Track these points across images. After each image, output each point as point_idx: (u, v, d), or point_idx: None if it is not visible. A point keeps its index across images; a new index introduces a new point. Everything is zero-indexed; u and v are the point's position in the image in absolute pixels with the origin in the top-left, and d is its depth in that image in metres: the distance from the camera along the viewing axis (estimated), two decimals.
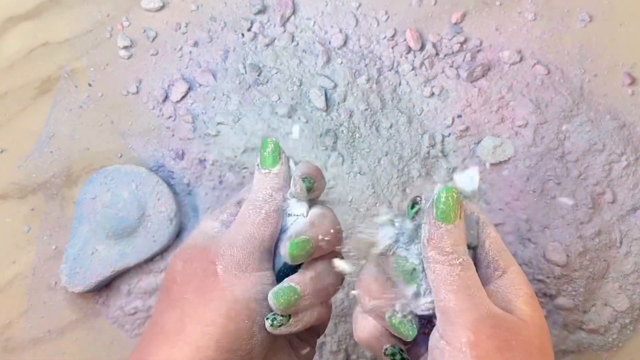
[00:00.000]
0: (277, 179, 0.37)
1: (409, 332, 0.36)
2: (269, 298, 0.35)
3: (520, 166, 0.54)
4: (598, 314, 0.54)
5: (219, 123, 0.54)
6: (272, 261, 0.37)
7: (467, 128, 0.54)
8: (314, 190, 0.37)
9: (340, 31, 0.54)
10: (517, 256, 0.53)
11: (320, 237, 0.36)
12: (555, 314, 0.53)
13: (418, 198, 0.37)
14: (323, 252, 0.37)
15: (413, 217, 0.36)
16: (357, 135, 0.54)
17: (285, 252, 0.35)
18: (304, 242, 0.35)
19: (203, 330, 0.34)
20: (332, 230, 0.37)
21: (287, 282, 0.36)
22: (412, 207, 0.37)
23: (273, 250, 0.38)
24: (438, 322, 0.34)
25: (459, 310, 0.33)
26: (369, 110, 0.53)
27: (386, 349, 0.37)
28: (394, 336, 0.37)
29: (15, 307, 0.54)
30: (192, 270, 0.36)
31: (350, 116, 0.53)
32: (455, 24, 0.55)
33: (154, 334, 0.35)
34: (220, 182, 0.54)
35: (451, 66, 0.54)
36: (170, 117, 0.55)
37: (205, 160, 0.54)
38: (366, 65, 0.54)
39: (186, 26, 0.56)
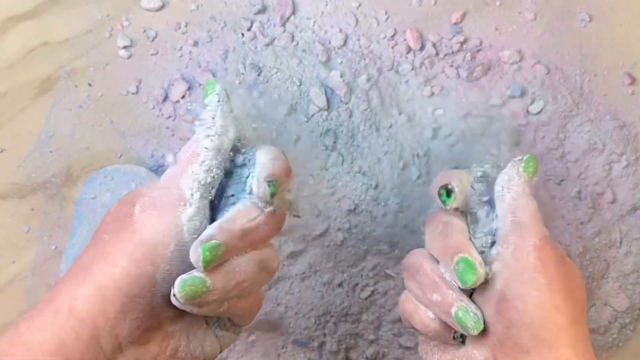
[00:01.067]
0: (209, 113, 0.37)
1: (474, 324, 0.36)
2: (175, 285, 0.33)
3: None
4: (598, 314, 0.53)
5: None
6: (205, 204, 0.35)
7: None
8: (277, 193, 0.36)
9: (340, 31, 0.54)
10: None
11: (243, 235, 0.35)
12: None
13: (450, 186, 0.39)
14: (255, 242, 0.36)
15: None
16: (357, 134, 0.53)
17: (196, 257, 0.33)
18: (215, 247, 0.33)
19: (105, 269, 0.33)
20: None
21: (197, 272, 0.33)
22: (448, 195, 0.39)
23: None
24: (507, 235, 0.38)
25: (531, 225, 0.38)
26: (369, 109, 0.53)
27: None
28: None
29: (15, 307, 0.54)
30: (119, 211, 0.35)
31: (350, 116, 0.53)
32: (455, 23, 0.55)
33: (68, 272, 0.35)
34: None
35: (451, 66, 0.54)
36: (170, 116, 0.54)
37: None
38: (366, 65, 0.54)
39: (186, 26, 0.55)
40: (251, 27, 0.55)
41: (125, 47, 0.55)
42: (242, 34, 0.55)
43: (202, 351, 0.37)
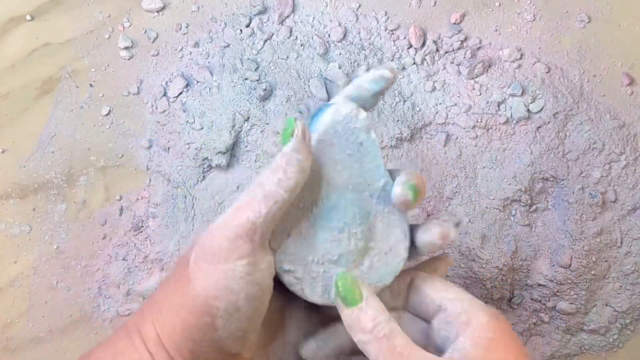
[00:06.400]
0: (282, 160, 0.32)
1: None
2: None
3: None
4: (599, 315, 0.51)
5: (212, 117, 0.52)
6: (255, 250, 0.32)
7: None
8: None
9: (340, 25, 0.52)
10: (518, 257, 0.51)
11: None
12: (557, 319, 0.51)
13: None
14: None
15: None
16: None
17: (403, 196, 0.33)
18: (414, 185, 0.33)
19: (171, 316, 0.32)
20: (424, 180, 0.35)
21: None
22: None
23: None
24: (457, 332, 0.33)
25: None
26: None
27: None
28: None
29: (17, 306, 0.52)
30: (181, 259, 0.34)
31: None
32: (455, 23, 0.53)
33: (145, 307, 0.34)
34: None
35: (452, 62, 0.52)
36: (163, 111, 0.52)
37: (207, 158, 0.52)
38: (366, 56, 0.52)
39: (187, 27, 0.53)
40: (250, 23, 0.53)
41: (126, 48, 0.53)
42: (240, 30, 0.53)
43: None
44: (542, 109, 0.51)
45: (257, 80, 0.51)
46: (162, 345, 0.32)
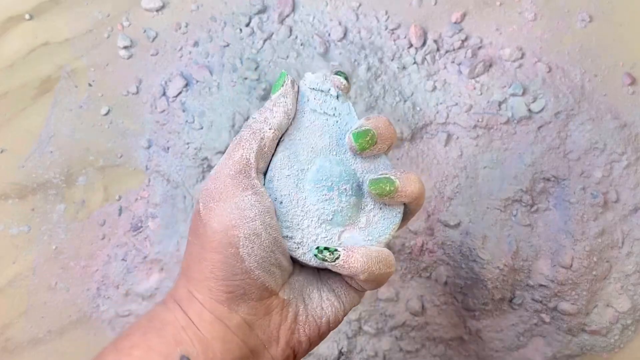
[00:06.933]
0: (270, 103, 0.36)
1: None
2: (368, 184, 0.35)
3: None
4: (600, 315, 0.51)
5: (212, 117, 0.51)
6: (255, 183, 0.34)
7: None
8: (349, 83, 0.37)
9: (340, 24, 0.52)
10: (520, 257, 0.50)
11: (378, 128, 0.35)
12: (558, 319, 0.51)
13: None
14: (380, 147, 0.36)
15: None
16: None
17: (350, 142, 0.35)
18: (366, 130, 0.35)
19: (198, 266, 0.34)
20: (386, 124, 0.36)
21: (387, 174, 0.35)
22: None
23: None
24: None
25: None
26: (372, 97, 0.51)
27: None
28: None
29: (15, 307, 0.51)
30: (193, 213, 0.36)
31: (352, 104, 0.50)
32: (456, 23, 0.52)
33: (180, 274, 0.37)
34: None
35: (453, 62, 0.52)
36: (163, 110, 0.52)
37: (206, 158, 0.51)
38: (366, 56, 0.51)
39: (186, 26, 0.53)
40: (249, 22, 0.52)
41: (125, 48, 0.53)
42: (240, 30, 0.52)
43: (322, 312, 0.36)
44: (543, 108, 0.51)
45: (256, 80, 0.51)
46: (195, 298, 0.34)
